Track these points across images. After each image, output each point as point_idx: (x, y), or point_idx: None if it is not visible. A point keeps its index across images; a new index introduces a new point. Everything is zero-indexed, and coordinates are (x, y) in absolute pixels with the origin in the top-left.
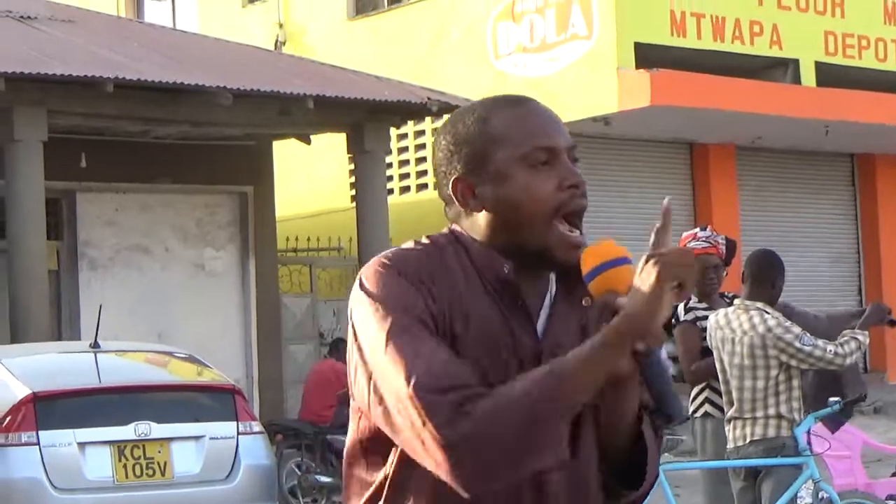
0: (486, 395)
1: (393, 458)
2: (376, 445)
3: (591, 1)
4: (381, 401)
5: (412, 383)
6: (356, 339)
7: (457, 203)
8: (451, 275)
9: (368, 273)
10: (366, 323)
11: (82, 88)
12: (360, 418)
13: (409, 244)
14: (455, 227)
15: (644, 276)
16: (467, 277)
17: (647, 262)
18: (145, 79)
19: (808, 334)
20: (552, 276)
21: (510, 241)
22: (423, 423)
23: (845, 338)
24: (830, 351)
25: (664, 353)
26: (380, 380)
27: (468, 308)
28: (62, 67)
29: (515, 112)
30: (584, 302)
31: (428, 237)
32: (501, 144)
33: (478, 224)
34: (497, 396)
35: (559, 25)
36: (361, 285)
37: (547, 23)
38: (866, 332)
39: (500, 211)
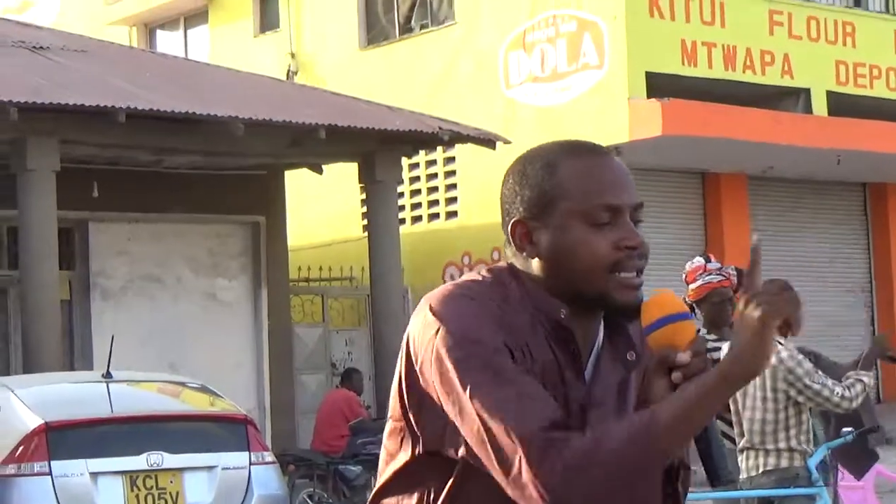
0: (583, 437)
1: (448, 483)
2: (422, 475)
3: (603, 31)
4: (463, 425)
5: (507, 420)
6: (416, 362)
7: (513, 245)
8: (514, 310)
9: (440, 300)
10: (443, 350)
11: (95, 118)
12: (403, 440)
13: (473, 275)
14: (513, 263)
15: (747, 319)
16: (529, 317)
17: (747, 303)
18: (157, 108)
19: (820, 373)
20: (601, 326)
21: (565, 287)
22: (519, 460)
23: (850, 380)
24: (837, 393)
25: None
26: (461, 410)
27: (531, 343)
28: (75, 97)
29: (584, 164)
30: (628, 356)
31: (489, 270)
32: (565, 196)
33: (533, 268)
34: (596, 439)
35: (570, 55)
36: (434, 312)
37: (558, 52)
38: (870, 373)
39: (555, 261)
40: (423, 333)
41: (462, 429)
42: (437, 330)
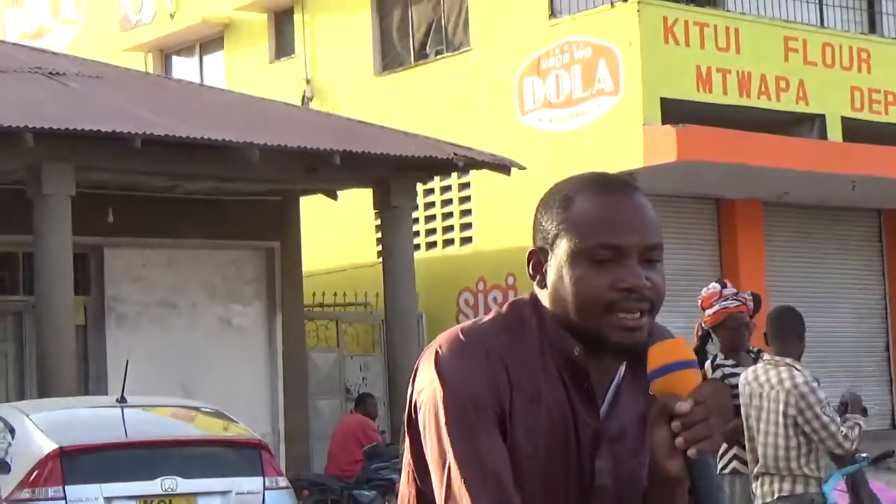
0: None
1: None
2: None
3: (617, 57)
4: (434, 477)
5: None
6: (415, 400)
7: (528, 273)
8: (526, 350)
9: (447, 347)
10: (433, 410)
11: (110, 144)
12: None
13: (491, 315)
14: (536, 294)
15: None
16: (542, 353)
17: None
18: (172, 134)
19: (831, 407)
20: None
21: (567, 323)
22: None
23: (850, 423)
24: (842, 432)
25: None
26: (434, 465)
27: (540, 384)
28: (90, 123)
29: (596, 201)
30: (650, 390)
31: (511, 304)
32: (572, 231)
33: (544, 298)
34: None
35: (585, 81)
36: (437, 361)
37: (573, 78)
38: (865, 418)
39: (556, 294)
40: (424, 377)
41: (433, 478)
42: (433, 381)
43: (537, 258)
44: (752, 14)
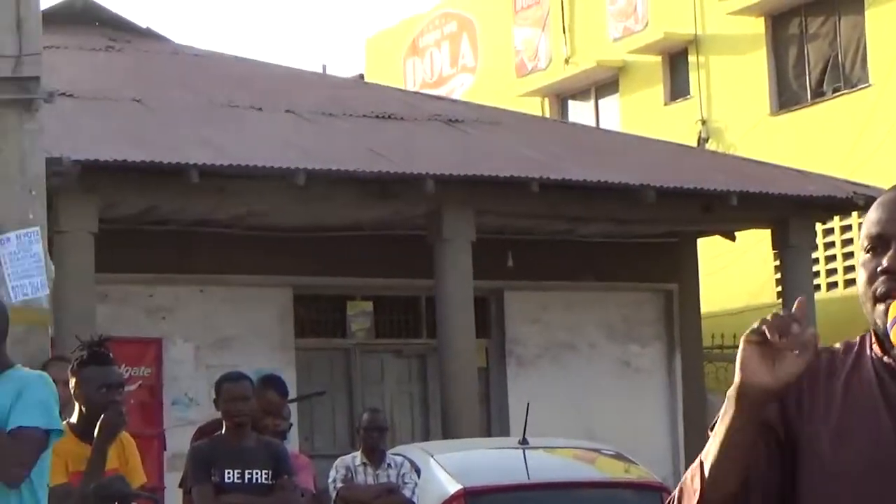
0: None
1: None
2: None
3: None
4: None
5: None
6: None
7: None
8: (858, 365)
9: None
10: None
11: (508, 189)
12: None
13: (838, 345)
14: None
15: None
16: (874, 365)
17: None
18: (569, 178)
19: None
20: None
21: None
22: None
23: None
24: None
25: None
26: None
27: (863, 398)
28: (488, 168)
29: (879, 200)
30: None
31: (864, 334)
32: (862, 230)
33: None
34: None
35: None
36: None
37: None
38: None
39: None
40: None
41: None
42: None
43: None
44: None
